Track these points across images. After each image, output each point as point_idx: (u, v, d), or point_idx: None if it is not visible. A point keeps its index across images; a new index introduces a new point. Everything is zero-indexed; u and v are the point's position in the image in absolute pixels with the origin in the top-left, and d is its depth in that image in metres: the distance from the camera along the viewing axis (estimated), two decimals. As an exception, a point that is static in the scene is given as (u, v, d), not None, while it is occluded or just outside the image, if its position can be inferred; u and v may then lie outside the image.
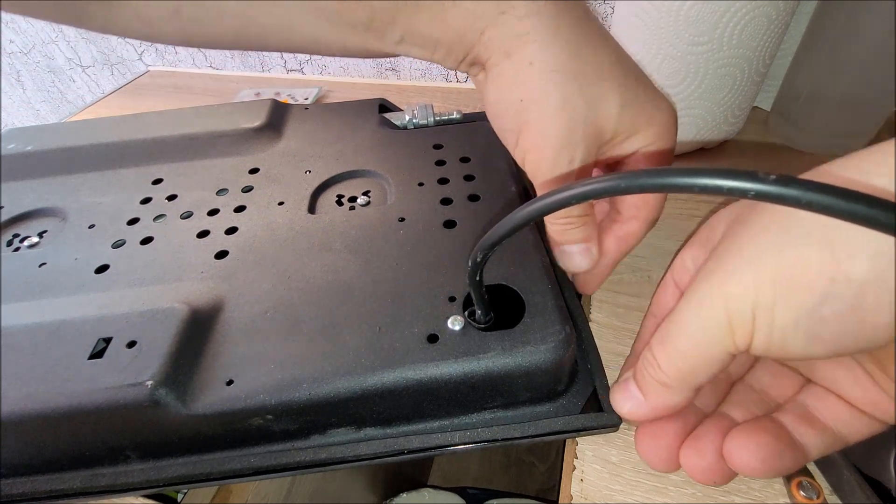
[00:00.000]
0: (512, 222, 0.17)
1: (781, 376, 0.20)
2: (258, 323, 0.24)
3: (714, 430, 0.19)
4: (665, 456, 0.19)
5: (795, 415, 0.18)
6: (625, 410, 0.20)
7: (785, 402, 0.19)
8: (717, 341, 0.16)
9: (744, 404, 0.20)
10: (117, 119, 0.39)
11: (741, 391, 0.21)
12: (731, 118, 0.37)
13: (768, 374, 0.20)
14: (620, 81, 0.21)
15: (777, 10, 0.31)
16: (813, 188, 0.11)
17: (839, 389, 0.18)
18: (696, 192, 0.12)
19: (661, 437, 0.19)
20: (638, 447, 0.20)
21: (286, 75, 0.63)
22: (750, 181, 0.11)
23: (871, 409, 0.17)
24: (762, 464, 0.17)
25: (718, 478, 0.18)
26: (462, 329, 0.22)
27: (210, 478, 0.22)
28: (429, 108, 0.38)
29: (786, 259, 0.14)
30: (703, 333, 0.16)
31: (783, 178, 0.11)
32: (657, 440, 0.19)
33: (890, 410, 0.16)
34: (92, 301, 0.25)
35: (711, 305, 0.16)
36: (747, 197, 0.12)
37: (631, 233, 0.25)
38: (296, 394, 0.21)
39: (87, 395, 0.21)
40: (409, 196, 0.30)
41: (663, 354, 0.17)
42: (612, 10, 0.47)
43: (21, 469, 0.23)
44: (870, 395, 0.17)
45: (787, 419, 0.18)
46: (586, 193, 0.15)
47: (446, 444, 0.22)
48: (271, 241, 0.28)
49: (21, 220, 0.32)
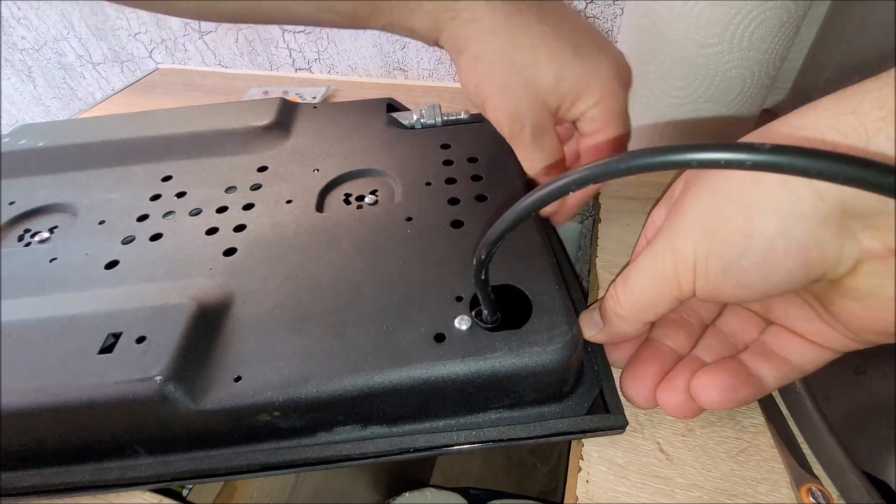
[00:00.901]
0: (512, 216, 0.17)
1: (746, 320, 0.23)
2: (266, 320, 0.24)
3: (685, 372, 0.22)
4: (645, 394, 0.22)
5: (756, 353, 0.21)
6: (588, 334, 0.23)
7: (750, 342, 0.22)
8: (665, 287, 0.19)
9: (713, 347, 0.23)
10: (127, 116, 0.40)
11: (712, 335, 0.23)
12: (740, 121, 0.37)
13: (735, 319, 0.23)
14: (554, 58, 0.25)
15: (788, 13, 0.31)
16: (808, 154, 0.11)
17: (793, 326, 0.21)
18: (693, 167, 0.12)
19: (641, 379, 0.23)
20: (622, 388, 0.23)
21: (295, 74, 0.64)
22: (746, 153, 0.12)
23: (820, 340, 0.20)
24: (721, 398, 0.20)
25: (689, 412, 0.22)
26: (469, 329, 0.22)
27: (217, 473, 0.22)
28: (436, 108, 0.38)
29: (714, 220, 0.17)
30: (655, 280, 0.20)
31: (778, 147, 0.11)
32: (639, 381, 0.23)
33: (834, 338, 0.19)
34: (102, 296, 0.25)
35: (663, 258, 0.19)
36: (744, 168, 0.12)
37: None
38: (303, 391, 0.21)
39: (97, 389, 0.21)
40: (416, 195, 0.30)
41: (623, 293, 0.21)
42: (621, 12, 0.47)
43: (30, 462, 0.23)
44: (817, 327, 0.20)
45: (747, 357, 0.21)
46: (584, 178, 0.15)
47: (452, 443, 0.22)
48: (279, 239, 0.28)
49: (32, 216, 0.32)
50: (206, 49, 0.65)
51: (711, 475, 0.22)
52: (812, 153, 0.11)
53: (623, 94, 0.27)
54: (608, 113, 0.27)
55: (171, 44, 0.67)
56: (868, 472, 0.20)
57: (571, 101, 0.26)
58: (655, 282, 0.20)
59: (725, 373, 0.20)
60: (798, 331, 0.20)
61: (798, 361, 0.20)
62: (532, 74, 0.25)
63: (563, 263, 0.28)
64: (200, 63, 0.68)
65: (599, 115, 0.27)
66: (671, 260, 0.19)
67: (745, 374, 0.21)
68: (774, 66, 0.34)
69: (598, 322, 0.23)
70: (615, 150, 0.28)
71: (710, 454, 0.22)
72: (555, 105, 0.26)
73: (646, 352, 0.23)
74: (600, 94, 0.26)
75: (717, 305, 0.24)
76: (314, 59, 0.61)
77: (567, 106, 0.27)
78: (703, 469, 0.22)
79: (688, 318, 0.24)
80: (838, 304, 0.18)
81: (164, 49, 0.68)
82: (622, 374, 0.24)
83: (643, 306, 0.21)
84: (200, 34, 0.64)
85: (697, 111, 0.36)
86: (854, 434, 0.35)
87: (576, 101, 0.26)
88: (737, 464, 0.22)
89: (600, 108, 0.27)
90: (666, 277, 0.19)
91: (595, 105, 0.26)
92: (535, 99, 0.26)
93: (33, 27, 0.72)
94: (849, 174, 0.11)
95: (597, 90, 0.26)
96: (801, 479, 0.20)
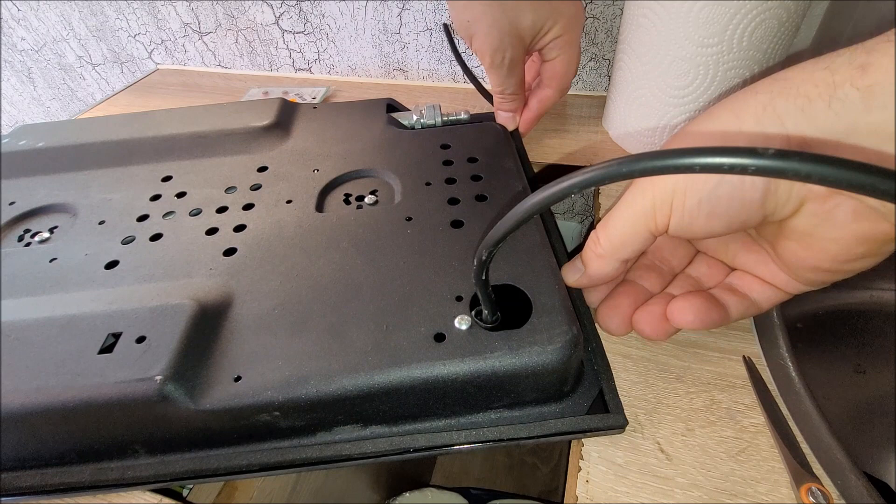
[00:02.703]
0: (514, 217, 0.17)
1: (713, 266, 0.26)
2: (266, 320, 0.24)
3: (659, 301, 0.25)
4: (619, 322, 0.25)
5: (722, 289, 0.25)
6: (571, 280, 0.25)
7: (716, 285, 0.25)
8: (641, 222, 0.22)
9: (683, 287, 0.26)
10: (127, 117, 0.40)
11: (681, 279, 0.26)
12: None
13: (704, 265, 0.26)
14: (532, 2, 0.32)
15: (788, 12, 0.31)
16: (811, 160, 0.11)
17: (752, 270, 0.24)
18: (696, 171, 0.12)
19: (616, 308, 0.25)
20: (599, 320, 0.26)
21: (294, 74, 0.64)
22: (750, 157, 0.12)
23: (774, 281, 0.23)
24: (696, 318, 0.23)
25: (662, 334, 0.24)
26: (469, 328, 0.22)
27: (217, 473, 0.22)
28: (436, 109, 0.38)
29: None
30: (632, 217, 0.22)
31: (781, 153, 0.11)
32: (614, 310, 0.25)
33: (785, 281, 0.23)
34: (102, 296, 0.25)
35: (643, 195, 0.21)
36: (748, 173, 0.12)
37: (547, 97, 0.39)
38: (303, 391, 0.21)
39: (97, 389, 0.21)
40: (416, 195, 0.30)
41: (603, 233, 0.23)
42: (620, 12, 0.47)
43: (30, 462, 0.23)
44: (771, 269, 0.23)
45: (714, 291, 0.25)
46: (587, 181, 0.15)
47: (452, 443, 0.22)
48: (279, 239, 0.28)
49: (32, 216, 0.32)
50: (205, 49, 0.65)
51: (711, 475, 0.22)
52: (815, 158, 0.11)
53: (579, 27, 0.35)
54: (569, 42, 0.35)
55: (170, 44, 0.67)
56: (868, 472, 0.20)
57: (541, 36, 0.34)
58: (632, 218, 0.22)
59: (699, 298, 0.23)
60: (757, 274, 0.24)
61: (757, 299, 0.24)
62: (515, 16, 0.32)
63: (564, 263, 0.28)
64: (200, 63, 0.68)
65: (561, 43, 0.35)
66: (650, 195, 0.21)
67: (715, 301, 0.24)
68: (779, 66, 0.34)
69: (579, 268, 0.25)
70: (570, 72, 0.37)
71: (710, 454, 0.22)
72: (529, 39, 0.34)
73: (622, 287, 0.26)
74: (564, 28, 0.34)
75: (688, 255, 0.27)
76: (314, 60, 0.61)
77: (538, 39, 0.34)
78: (703, 469, 0.22)
79: (660, 265, 0.27)
80: (783, 246, 0.21)
81: (164, 50, 0.68)
82: (598, 307, 0.26)
83: (620, 242, 0.23)
84: (200, 35, 0.64)
85: (697, 111, 0.36)
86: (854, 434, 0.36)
87: (545, 35, 0.34)
88: (737, 464, 0.22)
89: (563, 39, 0.35)
90: (643, 212, 0.21)
91: (559, 36, 0.34)
92: (516, 35, 0.33)
93: (33, 28, 0.72)
94: (851, 179, 0.11)
95: (561, 25, 0.34)
96: (801, 479, 0.20)
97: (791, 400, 0.23)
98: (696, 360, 0.26)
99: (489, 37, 0.32)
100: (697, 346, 0.26)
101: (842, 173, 0.11)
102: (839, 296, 0.40)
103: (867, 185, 0.11)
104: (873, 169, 0.11)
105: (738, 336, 0.27)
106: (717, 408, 0.24)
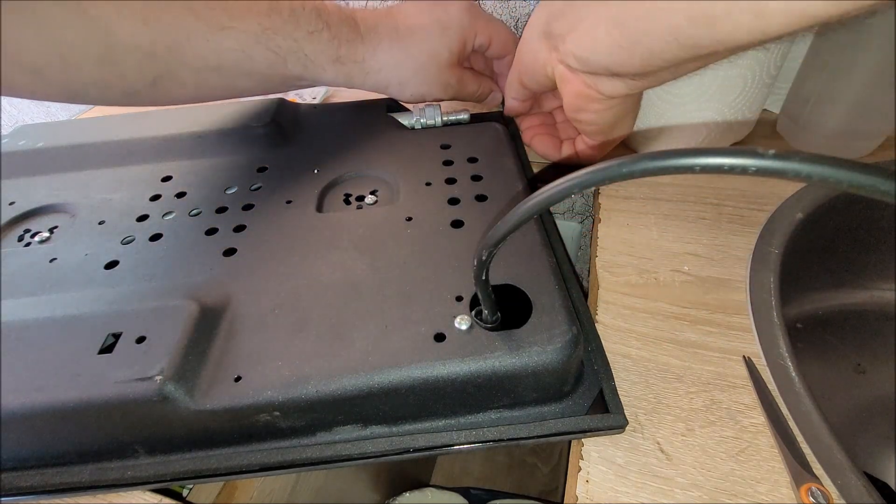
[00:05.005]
0: (515, 218, 0.17)
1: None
2: (266, 320, 0.24)
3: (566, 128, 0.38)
4: (551, 143, 0.37)
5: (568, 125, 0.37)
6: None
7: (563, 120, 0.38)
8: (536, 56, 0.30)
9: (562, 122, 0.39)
10: (127, 117, 0.40)
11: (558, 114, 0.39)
12: (741, 121, 0.37)
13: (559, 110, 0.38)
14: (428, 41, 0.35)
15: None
16: (812, 160, 0.11)
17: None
18: (697, 171, 0.12)
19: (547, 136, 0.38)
20: (531, 142, 0.38)
21: (294, 74, 0.64)
22: (750, 158, 0.12)
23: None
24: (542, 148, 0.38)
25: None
26: (469, 328, 0.22)
27: (217, 473, 0.22)
28: (437, 109, 0.38)
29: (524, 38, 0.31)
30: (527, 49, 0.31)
31: (782, 154, 0.11)
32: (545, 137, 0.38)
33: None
34: (102, 296, 0.25)
35: (531, 30, 0.30)
36: (748, 174, 0.12)
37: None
38: (303, 391, 0.21)
39: (97, 389, 0.21)
40: (416, 195, 0.30)
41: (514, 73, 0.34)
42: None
43: (30, 462, 0.23)
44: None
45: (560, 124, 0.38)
46: (587, 182, 0.15)
47: (452, 443, 0.22)
48: (279, 240, 0.28)
49: (32, 216, 0.32)
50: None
51: (711, 475, 0.22)
52: (815, 159, 0.11)
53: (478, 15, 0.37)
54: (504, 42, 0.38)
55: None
56: (868, 472, 0.20)
57: (460, 50, 0.36)
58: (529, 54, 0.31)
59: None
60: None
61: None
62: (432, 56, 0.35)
63: (563, 263, 0.28)
64: (200, 63, 0.67)
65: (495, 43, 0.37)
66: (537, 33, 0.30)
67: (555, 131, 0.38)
68: (775, 66, 0.34)
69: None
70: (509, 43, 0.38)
71: (710, 454, 0.22)
72: (457, 59, 0.36)
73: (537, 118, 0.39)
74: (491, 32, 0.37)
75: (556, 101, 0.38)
76: (314, 60, 0.61)
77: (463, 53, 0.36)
78: (703, 469, 0.22)
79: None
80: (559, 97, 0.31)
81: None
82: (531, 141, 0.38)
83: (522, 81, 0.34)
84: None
85: (698, 111, 0.36)
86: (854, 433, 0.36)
87: (462, 47, 0.36)
88: (737, 464, 0.22)
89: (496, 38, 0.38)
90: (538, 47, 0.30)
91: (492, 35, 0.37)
92: (439, 69, 0.35)
93: (33, 28, 0.72)
94: (852, 180, 0.11)
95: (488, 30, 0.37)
96: (801, 479, 0.20)
97: (791, 400, 0.23)
98: (696, 360, 0.26)
99: (426, 86, 0.35)
100: (697, 346, 0.26)
101: (842, 173, 0.11)
102: (839, 296, 0.40)
103: (867, 186, 0.11)
104: (874, 169, 0.11)
105: (738, 336, 0.27)
106: (717, 408, 0.24)
